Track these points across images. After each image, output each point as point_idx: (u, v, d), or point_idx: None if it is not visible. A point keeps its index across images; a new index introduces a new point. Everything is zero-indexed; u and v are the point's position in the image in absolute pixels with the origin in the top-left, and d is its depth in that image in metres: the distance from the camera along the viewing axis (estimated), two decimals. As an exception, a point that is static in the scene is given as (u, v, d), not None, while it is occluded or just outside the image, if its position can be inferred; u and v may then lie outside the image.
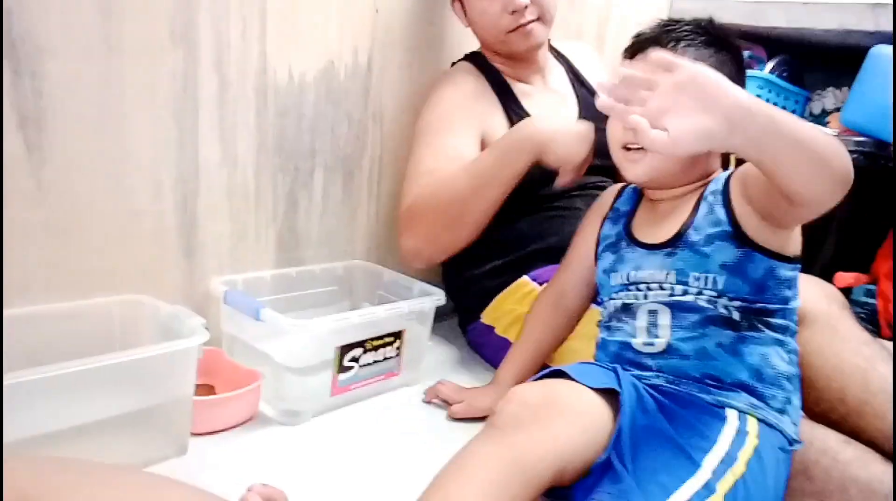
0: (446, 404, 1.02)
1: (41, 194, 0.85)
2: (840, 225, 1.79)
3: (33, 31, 0.80)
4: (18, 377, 0.67)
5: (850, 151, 1.80)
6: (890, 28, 1.62)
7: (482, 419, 0.90)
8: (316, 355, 0.97)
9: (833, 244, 1.79)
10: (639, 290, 0.84)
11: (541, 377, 0.79)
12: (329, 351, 0.97)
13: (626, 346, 0.84)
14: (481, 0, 1.15)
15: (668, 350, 0.80)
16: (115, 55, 0.88)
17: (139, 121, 0.92)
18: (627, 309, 0.85)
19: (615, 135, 0.86)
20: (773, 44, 1.83)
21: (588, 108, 1.29)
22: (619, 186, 1.00)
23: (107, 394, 0.76)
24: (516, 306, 1.15)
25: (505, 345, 1.08)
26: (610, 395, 0.76)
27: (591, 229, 0.98)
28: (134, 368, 0.76)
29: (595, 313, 0.99)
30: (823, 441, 0.85)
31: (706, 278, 0.79)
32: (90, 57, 0.86)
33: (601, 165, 1.27)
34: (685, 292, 0.80)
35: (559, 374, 0.78)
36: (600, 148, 1.27)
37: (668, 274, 0.82)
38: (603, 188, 1.26)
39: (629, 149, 0.84)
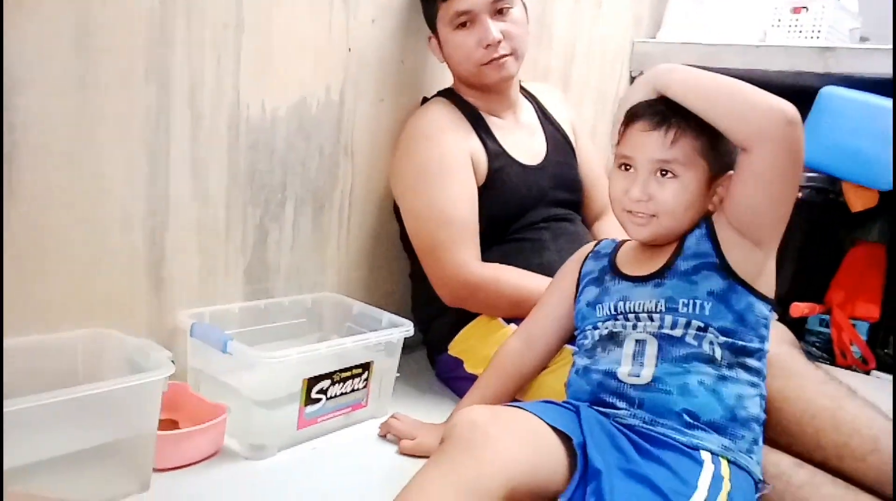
0: (399, 439, 1.02)
1: (9, 229, 0.85)
2: (794, 257, 1.86)
3: (8, 65, 0.81)
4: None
5: (803, 187, 1.88)
6: (838, 71, 1.71)
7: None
8: (283, 387, 0.97)
9: (788, 276, 1.86)
10: (627, 320, 0.87)
11: None
12: (296, 383, 0.98)
13: (610, 375, 0.85)
14: (457, 35, 1.19)
15: (653, 384, 0.82)
16: (90, 90, 0.89)
17: (111, 155, 0.93)
18: (614, 338, 0.87)
19: (617, 195, 0.88)
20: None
21: (555, 143, 1.34)
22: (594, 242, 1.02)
23: (68, 429, 0.75)
24: (482, 341, 1.17)
25: (474, 381, 1.09)
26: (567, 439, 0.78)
27: (569, 272, 1.00)
28: (96, 402, 0.75)
29: (567, 351, 1.01)
30: (776, 466, 0.87)
31: (694, 303, 0.82)
32: (64, 91, 0.87)
33: (566, 199, 1.32)
34: (674, 325, 0.83)
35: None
36: (566, 183, 1.33)
37: (657, 303, 0.84)
38: (568, 221, 1.31)
39: (631, 212, 0.86)
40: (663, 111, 0.85)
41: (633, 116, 0.87)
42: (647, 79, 0.89)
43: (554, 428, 0.78)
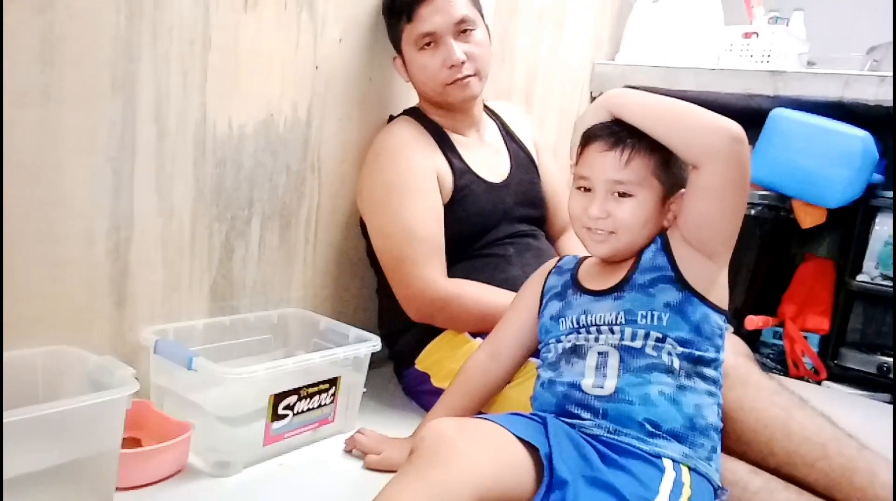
0: (364, 454, 1.02)
1: (-34, 242, 0.83)
2: (748, 272, 1.93)
3: (-33, 78, 0.80)
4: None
5: (755, 204, 1.95)
6: (787, 94, 1.80)
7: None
8: (249, 403, 0.96)
9: (743, 290, 1.92)
10: (589, 333, 0.89)
11: None
12: (263, 400, 0.97)
13: (575, 387, 0.87)
14: (422, 56, 1.22)
15: (615, 394, 0.84)
16: (53, 103, 0.88)
17: (74, 169, 0.92)
18: (577, 350, 0.89)
19: (577, 214, 0.91)
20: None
21: (518, 160, 1.37)
22: (557, 258, 1.05)
23: (29, 448, 0.73)
24: (449, 356, 1.18)
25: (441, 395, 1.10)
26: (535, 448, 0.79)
27: (533, 287, 1.02)
28: (58, 420, 0.74)
29: (532, 364, 1.03)
30: (733, 473, 0.91)
31: (652, 315, 0.86)
32: (27, 104, 0.85)
33: (529, 215, 1.35)
34: (634, 337, 0.86)
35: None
36: (530, 199, 1.35)
37: (617, 315, 0.87)
38: (532, 237, 1.34)
39: (591, 229, 0.90)
40: (618, 132, 0.88)
41: (589, 137, 0.91)
42: (601, 102, 0.93)
43: (521, 439, 0.79)
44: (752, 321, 1.83)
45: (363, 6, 1.27)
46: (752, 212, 1.88)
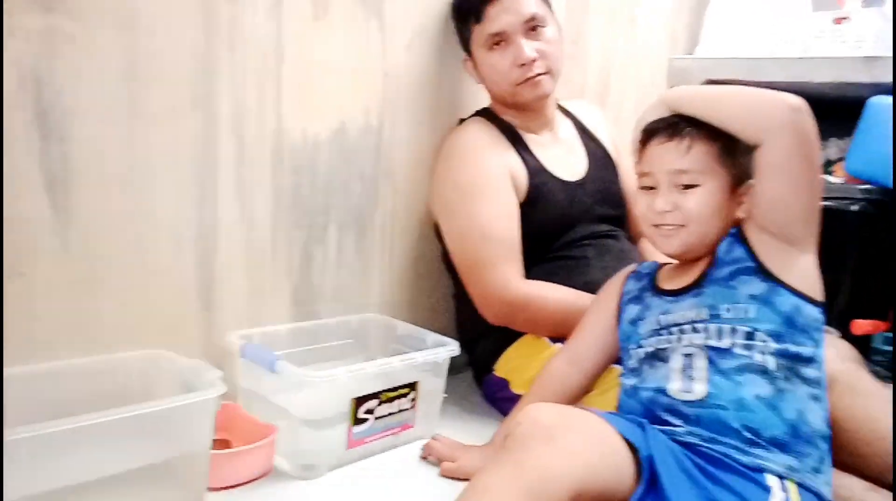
0: (440, 461, 1.00)
1: (66, 254, 0.88)
2: (854, 272, 1.79)
3: (62, 98, 0.86)
4: (38, 430, 0.67)
5: (857, 199, 1.81)
6: (885, 79, 1.67)
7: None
8: (331, 407, 0.97)
9: (848, 292, 1.78)
10: (671, 334, 0.85)
11: None
12: (344, 403, 0.98)
13: (661, 392, 0.82)
14: (492, 56, 1.21)
15: (707, 399, 0.79)
16: (139, 119, 0.93)
17: (161, 181, 0.96)
18: (659, 354, 0.85)
19: (644, 213, 0.88)
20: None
21: (595, 158, 1.33)
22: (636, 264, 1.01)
23: (123, 448, 0.76)
24: (527, 362, 1.15)
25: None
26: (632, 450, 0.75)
27: (611, 290, 0.99)
28: (150, 421, 0.76)
29: (615, 370, 0.99)
30: (850, 489, 0.84)
31: (737, 307, 0.81)
32: (115, 121, 0.91)
33: (609, 215, 1.30)
34: (720, 335, 0.81)
35: None
36: (609, 198, 1.31)
37: (699, 312, 0.83)
38: (612, 237, 1.29)
39: (659, 225, 0.87)
40: (676, 122, 0.86)
41: (648, 132, 0.89)
42: (659, 100, 0.91)
43: (621, 437, 0.75)
44: (860, 326, 1.69)
45: (430, 11, 1.28)
46: (854, 208, 1.74)
